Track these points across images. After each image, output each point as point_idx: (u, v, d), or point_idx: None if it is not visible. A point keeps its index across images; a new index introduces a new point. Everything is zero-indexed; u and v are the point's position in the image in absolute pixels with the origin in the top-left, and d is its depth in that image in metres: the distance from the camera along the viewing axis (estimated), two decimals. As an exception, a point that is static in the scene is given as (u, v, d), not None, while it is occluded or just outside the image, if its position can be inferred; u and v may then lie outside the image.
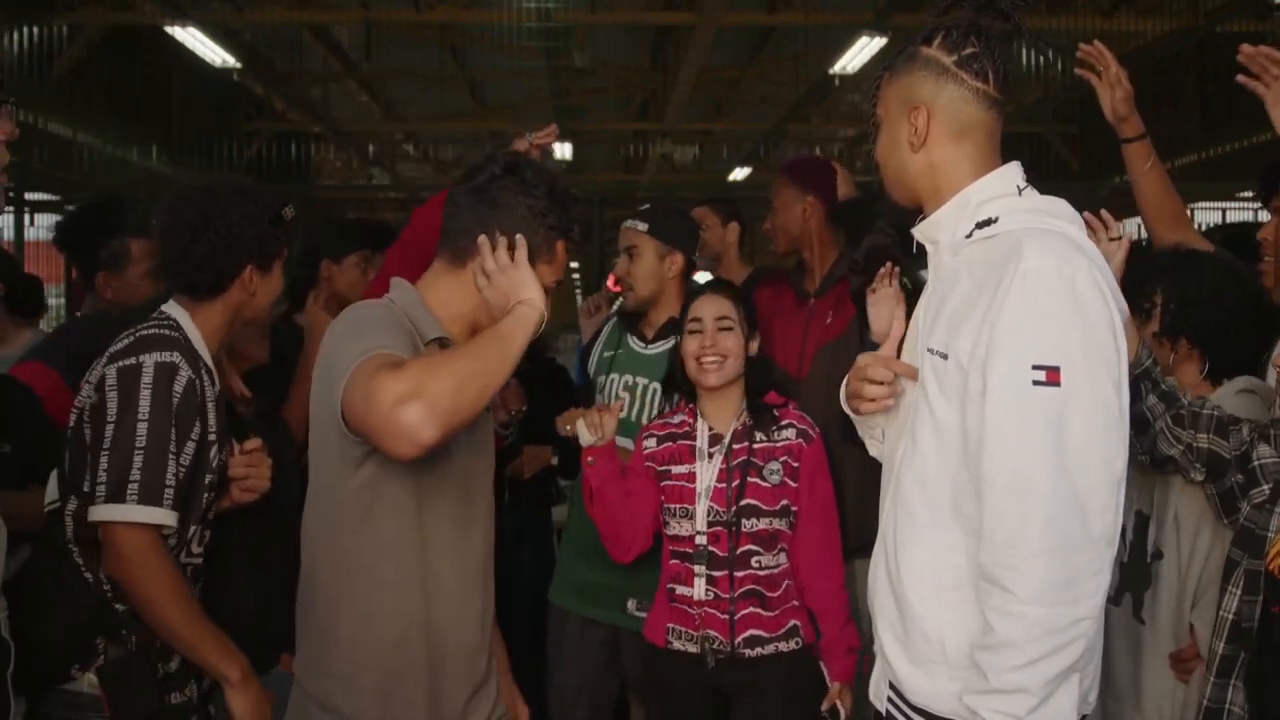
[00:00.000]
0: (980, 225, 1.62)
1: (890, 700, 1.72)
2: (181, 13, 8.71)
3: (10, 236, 8.20)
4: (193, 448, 1.93)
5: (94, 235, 2.77)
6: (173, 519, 1.90)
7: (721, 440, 2.51)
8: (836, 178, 3.10)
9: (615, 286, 3.04)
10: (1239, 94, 2.26)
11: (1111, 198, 6.99)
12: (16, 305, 3.78)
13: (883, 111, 1.75)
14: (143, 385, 1.87)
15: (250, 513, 2.14)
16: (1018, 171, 1.69)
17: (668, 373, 2.67)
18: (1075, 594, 1.47)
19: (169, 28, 8.83)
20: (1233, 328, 2.21)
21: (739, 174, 14.95)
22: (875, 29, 8.51)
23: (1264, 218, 2.48)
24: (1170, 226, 2.55)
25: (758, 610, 2.45)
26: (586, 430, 2.49)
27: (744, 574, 2.45)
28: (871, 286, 2.42)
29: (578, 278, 12.79)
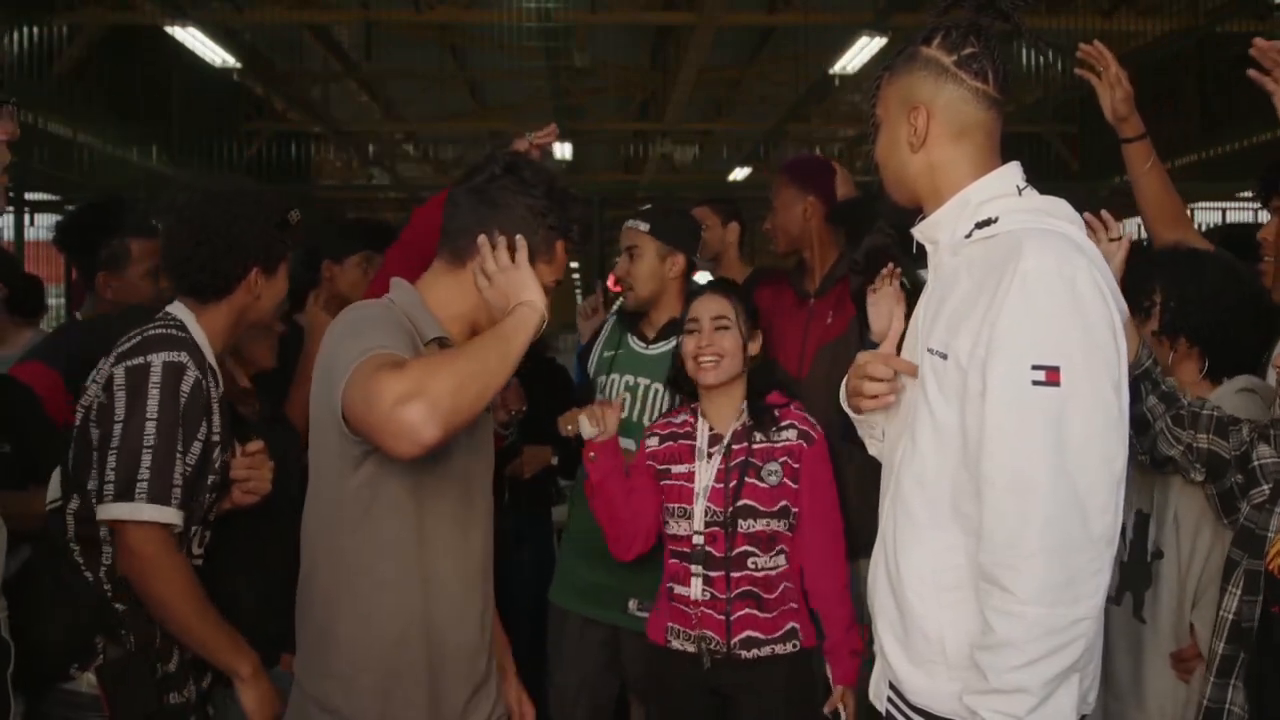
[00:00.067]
0: (980, 225, 1.62)
1: (890, 700, 1.72)
2: (181, 13, 8.71)
3: (10, 236, 8.19)
4: (199, 448, 1.94)
5: (94, 235, 2.77)
6: (179, 518, 1.90)
7: (721, 440, 2.51)
8: (836, 178, 3.10)
9: (615, 286, 3.04)
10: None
11: (1111, 198, 7.00)
12: (17, 305, 3.79)
13: (882, 111, 1.75)
14: (151, 384, 1.88)
15: (250, 514, 2.14)
16: (1017, 171, 1.69)
17: (672, 372, 2.67)
18: (1075, 594, 1.47)
19: (169, 28, 8.83)
20: (1233, 327, 2.21)
21: (739, 174, 14.94)
22: (875, 29, 8.51)
23: (1264, 218, 2.47)
24: (1170, 227, 2.55)
25: (754, 612, 2.44)
26: (588, 423, 2.49)
27: (740, 575, 2.44)
28: (872, 286, 2.42)
29: (578, 278, 12.79)
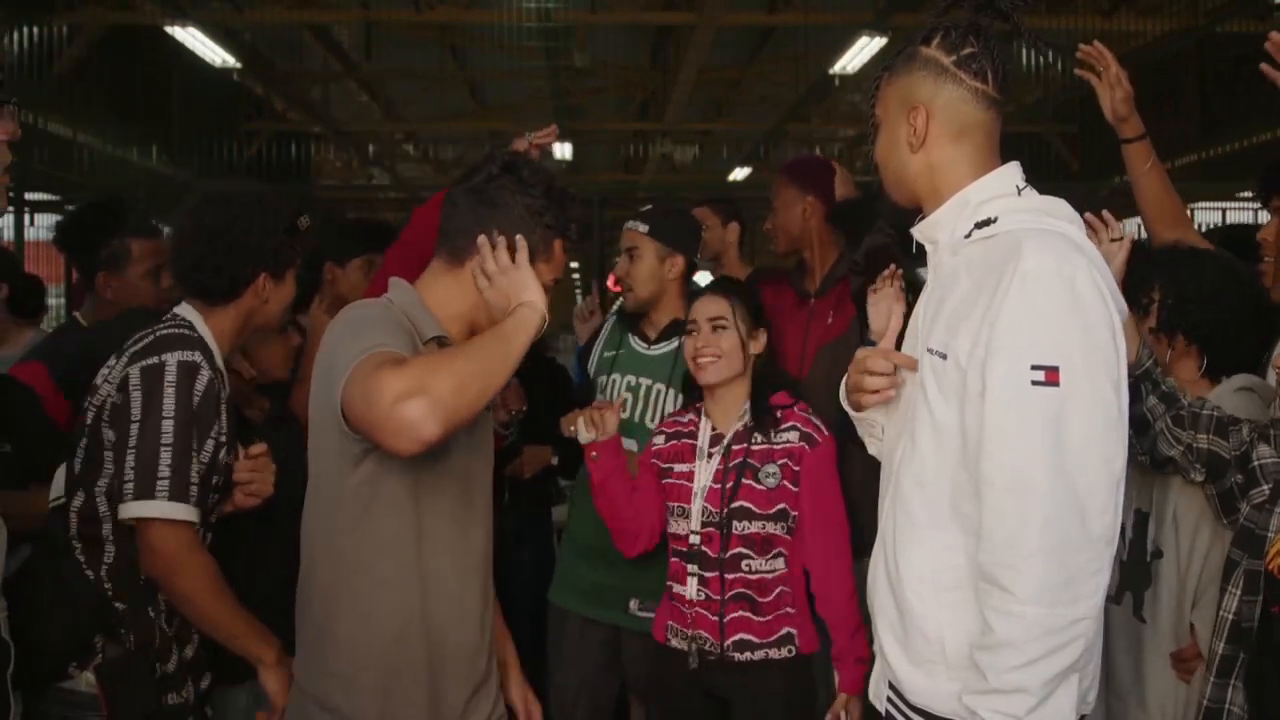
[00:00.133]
0: (979, 225, 1.62)
1: (890, 700, 1.72)
2: (181, 13, 8.71)
3: (10, 236, 8.19)
4: (211, 446, 1.96)
5: (94, 235, 2.77)
6: (197, 516, 1.93)
7: (723, 441, 2.50)
8: (836, 178, 3.09)
9: (615, 287, 3.04)
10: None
11: (1111, 198, 6.99)
12: (18, 306, 3.80)
13: (882, 112, 1.75)
14: (166, 383, 1.90)
15: (251, 516, 2.15)
16: (1017, 171, 1.69)
17: (684, 374, 2.64)
18: (1074, 594, 1.47)
19: (169, 28, 8.83)
20: (1233, 327, 2.21)
21: (739, 174, 14.93)
22: (875, 29, 8.50)
23: (1264, 218, 2.48)
24: (1170, 227, 2.54)
25: (748, 614, 2.41)
26: (584, 428, 2.49)
27: (734, 577, 2.41)
28: (873, 286, 2.42)
29: (577, 278, 12.80)
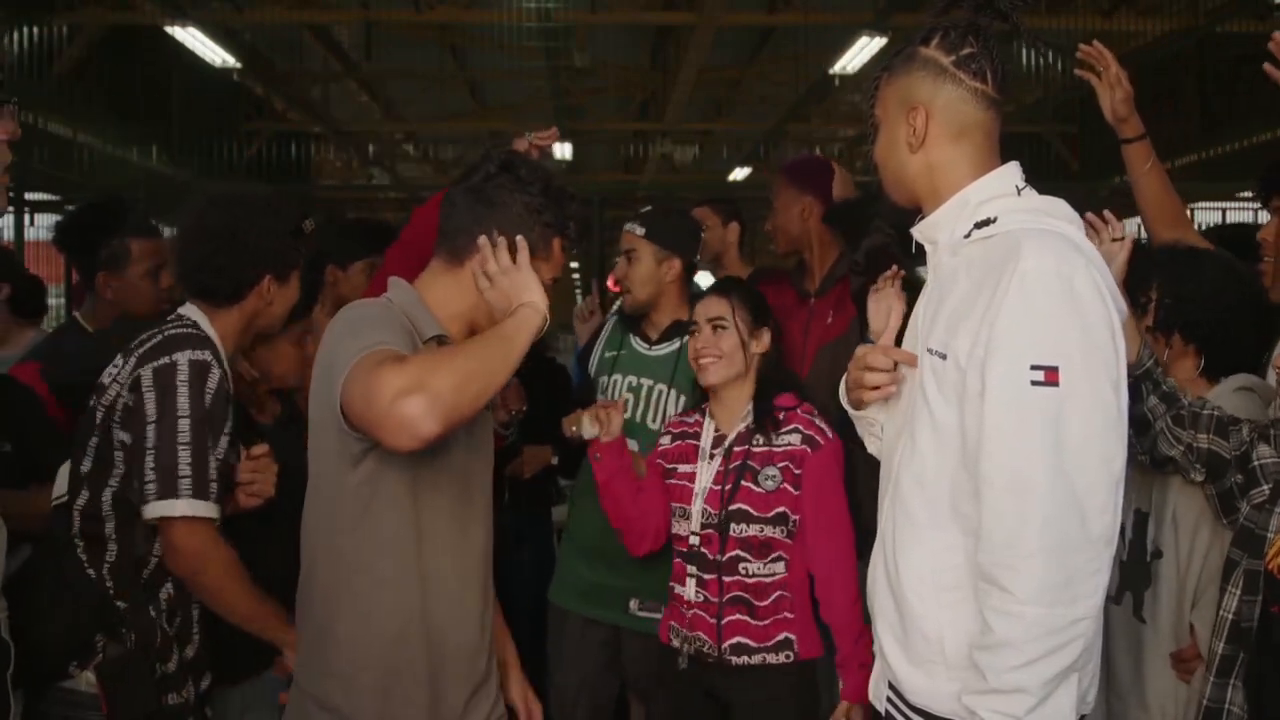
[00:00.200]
0: (979, 225, 1.62)
1: (889, 700, 1.73)
2: (181, 13, 8.70)
3: (10, 236, 8.19)
4: (225, 442, 1.98)
5: (94, 235, 2.77)
6: (217, 512, 1.95)
7: (725, 442, 2.48)
8: (834, 178, 3.09)
9: (615, 287, 3.04)
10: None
11: (1111, 198, 6.98)
12: (20, 306, 3.79)
13: (881, 112, 1.75)
14: (179, 382, 1.91)
15: (252, 517, 2.15)
16: (1016, 171, 1.68)
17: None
18: (1074, 594, 1.47)
19: (169, 28, 8.82)
20: (1233, 326, 2.21)
21: (739, 174, 14.92)
22: (875, 29, 8.49)
23: (1264, 218, 2.48)
24: (1170, 227, 2.54)
25: (744, 618, 2.38)
26: (589, 424, 2.49)
27: (731, 579, 2.39)
28: (875, 286, 2.42)
29: (577, 278, 12.79)
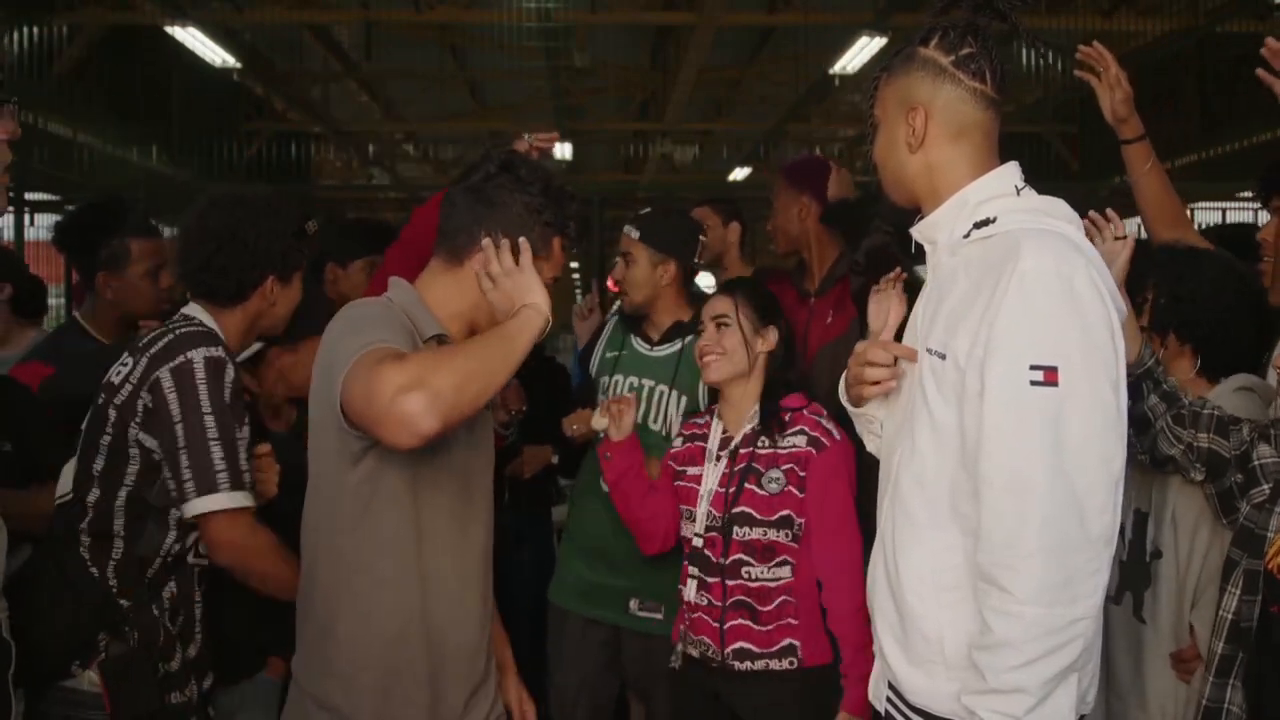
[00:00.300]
0: (978, 225, 1.63)
1: (889, 700, 1.73)
2: (181, 13, 8.70)
3: (10, 236, 8.19)
4: (246, 433, 1.99)
5: (94, 235, 2.77)
6: (252, 500, 1.97)
7: (731, 443, 2.46)
8: (830, 178, 3.09)
9: (615, 288, 3.04)
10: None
11: (1111, 198, 6.94)
12: (22, 306, 3.79)
13: (880, 112, 1.75)
14: (198, 380, 1.92)
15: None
16: (1016, 171, 1.69)
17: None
18: (1073, 594, 1.47)
19: (169, 28, 8.82)
20: (1232, 326, 2.21)
21: (739, 174, 14.91)
22: (875, 29, 8.49)
23: (1264, 218, 2.48)
24: (1170, 227, 2.54)
25: (747, 623, 2.35)
26: (599, 417, 2.50)
27: (735, 583, 2.36)
28: (877, 287, 2.42)
29: (577, 278, 12.79)
